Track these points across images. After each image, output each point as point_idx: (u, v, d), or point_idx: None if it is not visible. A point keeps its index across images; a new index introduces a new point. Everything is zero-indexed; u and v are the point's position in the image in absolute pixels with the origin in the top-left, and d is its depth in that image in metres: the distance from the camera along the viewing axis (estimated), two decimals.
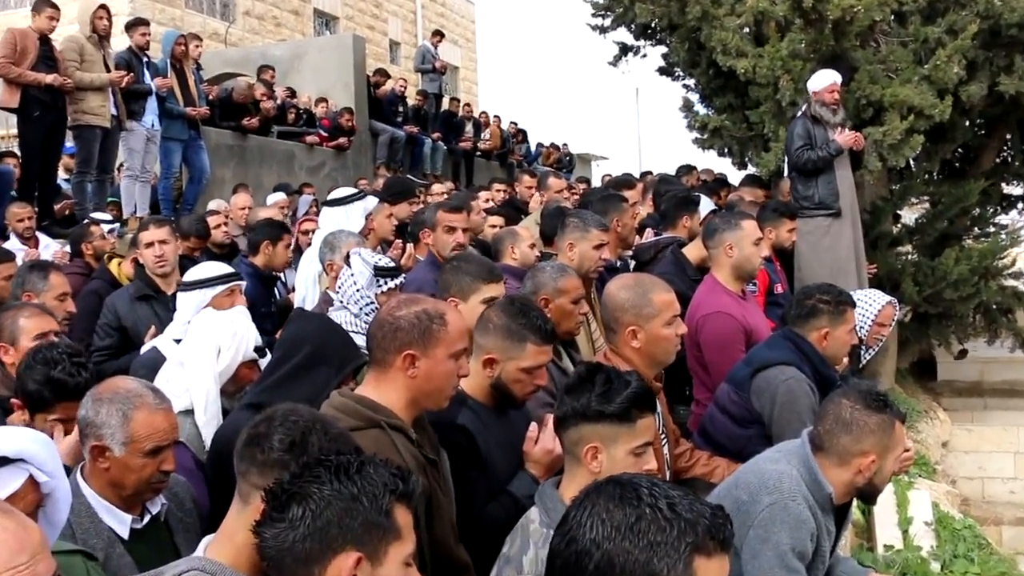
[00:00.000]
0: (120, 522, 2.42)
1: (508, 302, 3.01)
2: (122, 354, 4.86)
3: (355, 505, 1.67)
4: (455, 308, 2.75)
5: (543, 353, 2.90)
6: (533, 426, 2.83)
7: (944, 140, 9.35)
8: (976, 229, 10.87)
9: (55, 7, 7.99)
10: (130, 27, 9.08)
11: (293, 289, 6.04)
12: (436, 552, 2.50)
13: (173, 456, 2.49)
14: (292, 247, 6.23)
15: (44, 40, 7.94)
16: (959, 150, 10.57)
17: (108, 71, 8.34)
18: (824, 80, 7.00)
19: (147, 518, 2.48)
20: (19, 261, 5.92)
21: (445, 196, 8.03)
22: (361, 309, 4.04)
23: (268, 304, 5.89)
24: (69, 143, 8.84)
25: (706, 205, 6.65)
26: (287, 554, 1.70)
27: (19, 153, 8.67)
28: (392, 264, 4.24)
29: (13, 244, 6.92)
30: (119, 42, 9.14)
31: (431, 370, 2.52)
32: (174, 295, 4.96)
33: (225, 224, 6.86)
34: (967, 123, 9.65)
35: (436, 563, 2.49)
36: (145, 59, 8.97)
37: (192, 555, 2.07)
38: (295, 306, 5.53)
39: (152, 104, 8.94)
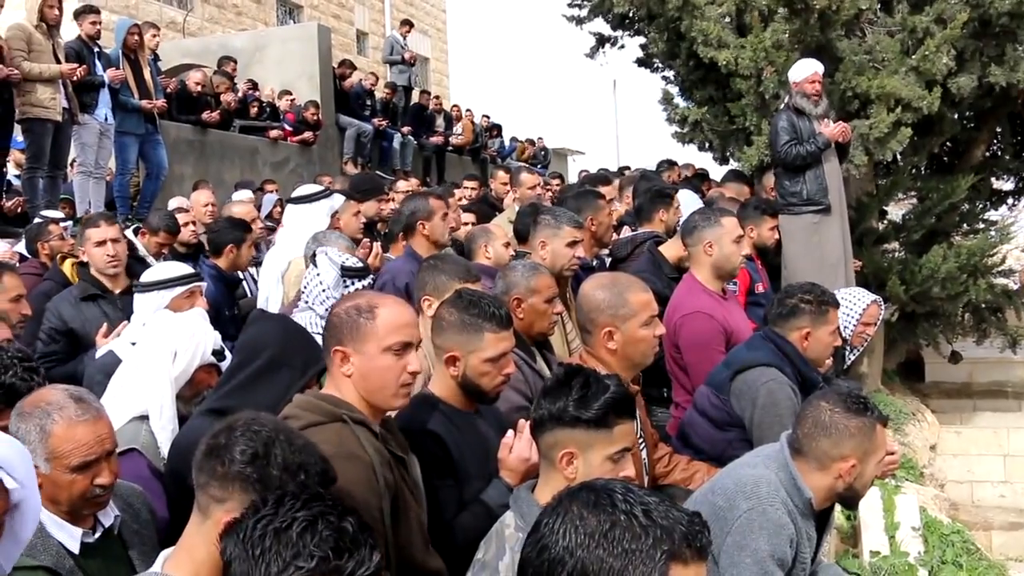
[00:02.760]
0: (70, 536, 2.39)
1: (456, 297, 3.03)
2: (71, 358, 4.82)
3: (252, 570, 1.59)
4: (398, 301, 2.72)
5: (503, 340, 2.91)
6: (509, 433, 2.83)
7: (932, 133, 9.43)
8: (965, 225, 10.96)
9: None
10: (79, 15, 8.98)
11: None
12: (401, 557, 2.49)
13: (110, 468, 2.43)
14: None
15: None
16: (948, 144, 10.67)
17: (58, 62, 8.27)
18: (805, 70, 7.00)
19: (100, 531, 2.45)
20: None
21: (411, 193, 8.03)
22: (327, 310, 4.05)
23: (231, 307, 5.88)
24: (18, 137, 8.76)
25: (692, 201, 6.69)
26: None
27: None
28: (360, 264, 4.25)
29: None
30: (67, 30, 9.05)
31: (364, 366, 2.52)
32: (121, 294, 4.95)
33: (193, 223, 6.82)
34: (956, 116, 9.73)
35: (402, 569, 2.48)
36: (96, 49, 8.90)
37: (149, 571, 2.06)
38: (257, 307, 5.53)
39: (105, 97, 8.88)
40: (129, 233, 6.17)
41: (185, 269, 4.35)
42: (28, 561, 2.15)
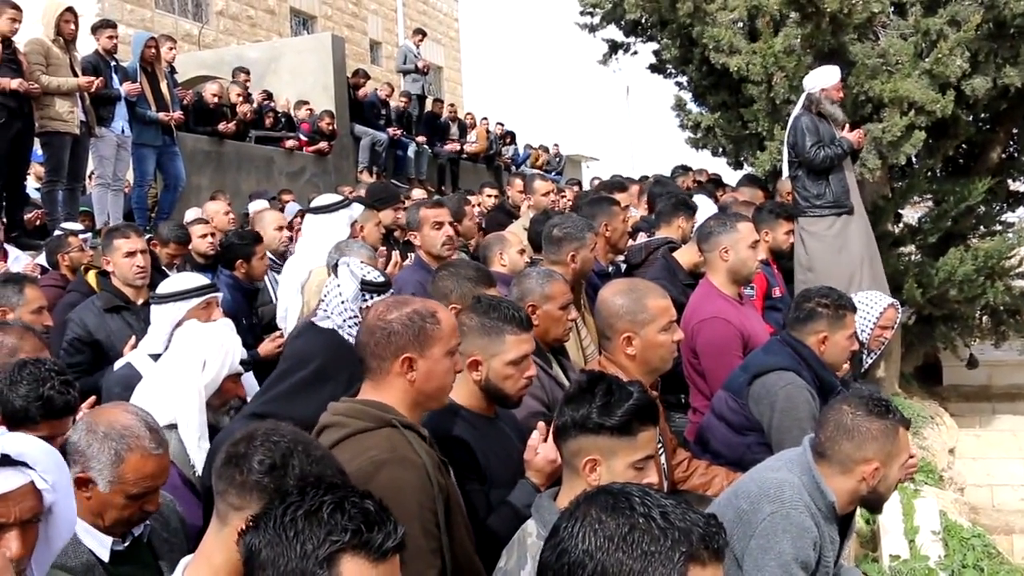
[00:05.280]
0: (101, 544, 2.42)
1: (476, 302, 3.05)
2: (95, 369, 4.79)
3: (288, 551, 1.63)
4: (444, 306, 2.78)
5: (524, 342, 2.94)
6: (535, 434, 2.84)
7: (947, 136, 9.39)
8: (982, 228, 10.90)
9: (17, 8, 7.92)
10: (96, 29, 9.06)
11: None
12: (456, 554, 2.49)
13: (158, 497, 2.50)
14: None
15: (6, 43, 7.89)
16: (963, 146, 10.62)
17: (75, 75, 8.34)
18: (831, 77, 7.04)
19: (129, 539, 2.48)
20: None
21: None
22: (345, 321, 4.06)
23: (250, 316, 5.91)
24: (38, 150, 8.84)
25: (707, 206, 6.69)
26: None
27: None
28: (381, 279, 4.26)
29: None
30: (84, 43, 9.13)
31: (430, 370, 2.57)
32: (144, 305, 4.96)
33: (212, 235, 6.85)
34: (971, 118, 9.68)
35: (457, 567, 2.49)
36: (113, 63, 8.97)
37: None
38: (277, 316, 5.57)
39: (121, 109, 8.94)
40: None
41: (201, 280, 4.35)
42: (59, 573, 2.18)
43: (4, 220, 7.89)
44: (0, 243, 7.24)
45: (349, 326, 4.00)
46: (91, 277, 5.59)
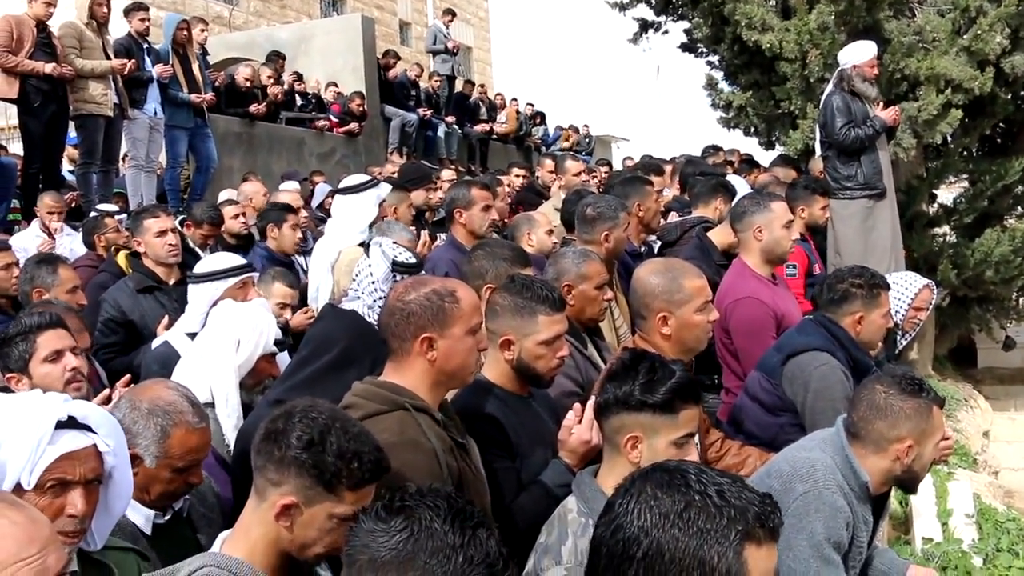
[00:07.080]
0: (143, 517, 2.49)
1: (509, 281, 3.05)
2: (130, 349, 4.86)
3: (450, 555, 1.62)
4: (464, 284, 2.77)
5: (557, 322, 2.93)
6: (570, 414, 2.85)
7: (984, 115, 9.27)
8: (1019, 208, 10.78)
9: None
10: (128, 12, 9.13)
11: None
12: None
13: (201, 469, 2.56)
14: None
15: (41, 27, 7.98)
16: (1000, 125, 10.48)
17: (108, 58, 8.42)
18: (865, 53, 6.85)
19: (169, 513, 2.55)
20: (30, 252, 6.02)
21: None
22: (375, 301, 4.08)
23: None
24: (72, 133, 8.94)
25: (741, 186, 6.64)
26: (364, 553, 1.69)
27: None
28: (413, 261, 4.27)
29: (33, 231, 7.04)
30: (117, 26, 9.19)
31: (450, 349, 2.56)
32: (175, 285, 5.02)
33: (243, 215, 6.91)
34: (1009, 96, 9.55)
35: None
36: (145, 45, 9.04)
37: (208, 551, 2.13)
38: (308, 296, 5.60)
39: (153, 92, 9.01)
40: (177, 224, 6.27)
41: (238, 260, 4.39)
42: (119, 542, 2.25)
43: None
44: (60, 224, 7.31)
45: (380, 307, 4.03)
46: (121, 258, 5.65)
